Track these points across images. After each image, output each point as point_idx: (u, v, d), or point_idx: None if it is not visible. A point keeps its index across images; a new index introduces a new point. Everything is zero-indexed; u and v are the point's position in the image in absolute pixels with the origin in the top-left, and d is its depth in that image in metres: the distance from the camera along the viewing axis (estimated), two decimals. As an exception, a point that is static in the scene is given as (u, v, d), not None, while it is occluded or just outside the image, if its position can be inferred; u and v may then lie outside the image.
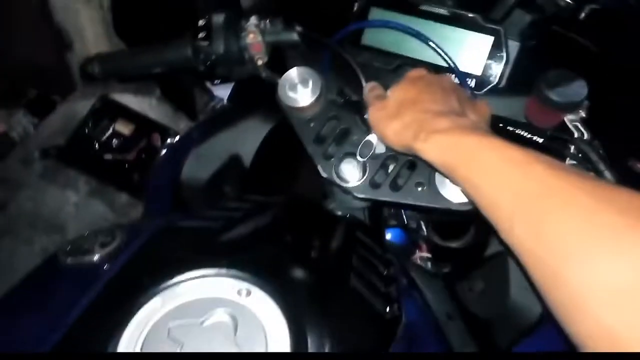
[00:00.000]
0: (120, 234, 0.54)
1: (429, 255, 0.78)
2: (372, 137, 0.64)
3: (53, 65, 1.98)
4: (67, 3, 1.80)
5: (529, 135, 0.57)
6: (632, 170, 0.83)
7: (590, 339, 0.34)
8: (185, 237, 0.52)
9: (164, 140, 1.86)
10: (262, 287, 0.44)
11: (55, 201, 1.72)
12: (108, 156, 1.78)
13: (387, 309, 0.48)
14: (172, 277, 0.45)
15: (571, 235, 0.36)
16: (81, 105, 1.84)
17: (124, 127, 1.82)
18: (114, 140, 1.80)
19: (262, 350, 0.41)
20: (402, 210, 0.82)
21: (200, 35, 0.72)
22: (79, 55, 1.90)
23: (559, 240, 0.36)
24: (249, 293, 0.44)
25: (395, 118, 0.56)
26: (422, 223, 0.82)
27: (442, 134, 0.50)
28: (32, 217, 1.69)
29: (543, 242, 0.37)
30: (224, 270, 0.45)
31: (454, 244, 0.81)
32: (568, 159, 0.56)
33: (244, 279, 0.45)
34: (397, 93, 0.59)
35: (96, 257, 0.52)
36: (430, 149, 0.50)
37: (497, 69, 0.75)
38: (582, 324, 0.34)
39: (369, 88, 0.65)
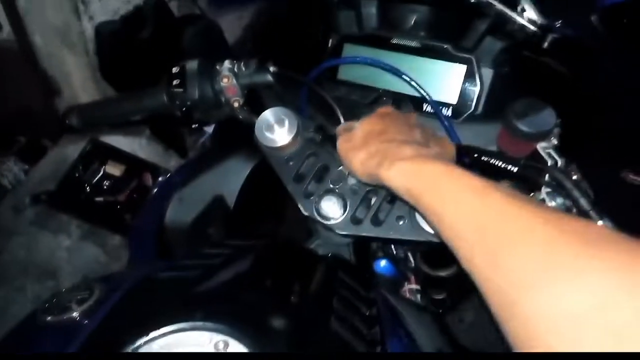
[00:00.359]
0: (98, 288, 0.54)
1: (418, 287, 0.77)
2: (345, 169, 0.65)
3: (42, 112, 1.99)
4: (52, 50, 1.82)
5: (504, 165, 0.57)
6: (624, 181, 0.84)
7: None
8: (163, 289, 0.52)
9: (155, 179, 1.86)
10: (240, 339, 0.43)
11: (47, 247, 1.71)
12: (99, 199, 1.78)
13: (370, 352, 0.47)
14: (147, 333, 0.44)
15: (529, 264, 0.35)
16: (71, 149, 1.84)
17: (114, 169, 1.83)
18: (104, 182, 1.80)
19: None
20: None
21: (175, 82, 0.72)
22: (67, 101, 1.92)
23: (517, 269, 0.36)
24: (226, 346, 0.43)
25: (361, 149, 0.57)
26: (409, 254, 0.81)
27: (406, 161, 0.50)
28: (25, 264, 1.68)
29: (501, 271, 0.37)
30: (200, 323, 0.44)
31: (443, 273, 0.80)
32: (544, 187, 0.56)
33: (220, 331, 0.44)
34: (364, 126, 0.60)
35: (74, 314, 0.52)
36: (394, 177, 0.50)
37: (472, 97, 0.76)
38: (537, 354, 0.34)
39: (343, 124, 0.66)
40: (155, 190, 1.52)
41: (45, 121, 2.01)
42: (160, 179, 1.87)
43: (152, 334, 0.44)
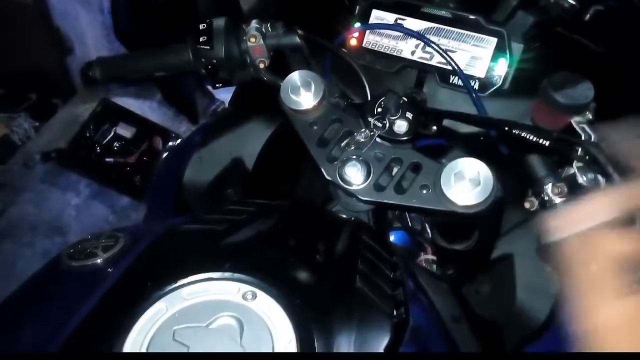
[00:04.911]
0: (123, 237, 0.54)
1: (434, 257, 0.78)
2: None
3: (54, 69, 1.98)
4: (66, 7, 1.80)
5: (535, 139, 0.56)
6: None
7: None
8: (189, 241, 0.52)
9: (165, 143, 1.86)
10: (267, 291, 0.44)
11: (56, 204, 1.72)
12: (109, 159, 1.78)
13: (394, 312, 0.47)
14: (175, 280, 0.44)
15: None
16: (82, 109, 1.84)
17: (125, 131, 1.83)
18: (115, 143, 1.81)
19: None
20: (407, 213, 0.81)
21: (201, 39, 0.72)
22: (79, 59, 1.90)
23: None
24: (254, 296, 0.44)
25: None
26: (426, 225, 0.81)
27: None
28: (34, 220, 1.69)
29: None
30: (228, 274, 0.45)
31: (458, 247, 0.80)
32: (575, 161, 0.56)
33: (249, 283, 0.44)
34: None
35: (100, 261, 0.52)
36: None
37: (500, 71, 0.75)
38: None
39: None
40: (174, 149, 1.52)
41: (57, 79, 2.00)
42: (170, 143, 1.87)
43: (181, 281, 0.44)
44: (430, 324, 0.53)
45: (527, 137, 0.57)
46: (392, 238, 0.84)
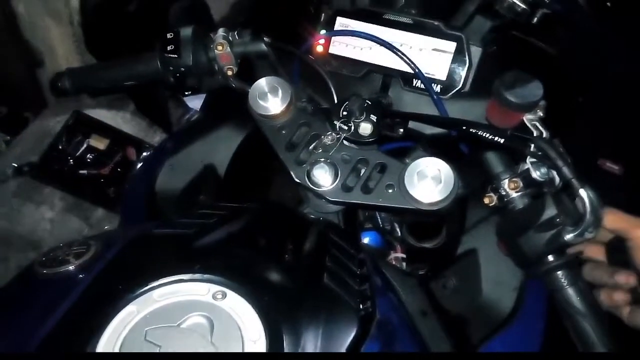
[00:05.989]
0: (95, 244, 0.55)
1: (403, 255, 0.80)
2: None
3: (24, 82, 1.96)
4: (36, 20, 1.79)
5: (490, 136, 0.59)
6: (601, 168, 0.87)
7: None
8: (159, 245, 0.53)
9: (139, 154, 1.85)
10: (237, 290, 0.45)
11: (30, 218, 1.69)
12: (83, 171, 1.77)
13: (361, 306, 0.49)
14: (146, 283, 0.46)
15: None
16: (54, 122, 1.82)
17: (98, 142, 1.81)
18: (88, 155, 1.79)
19: (238, 350, 0.42)
20: (377, 213, 0.84)
21: (169, 48, 0.73)
22: (50, 72, 1.89)
23: None
24: (224, 296, 0.45)
25: None
26: (396, 225, 0.84)
27: None
28: (7, 234, 1.67)
29: None
30: (198, 275, 0.46)
31: (427, 245, 0.83)
32: (528, 157, 0.59)
33: (218, 283, 0.46)
34: None
35: (72, 267, 0.53)
36: None
37: (460, 74, 0.78)
38: None
39: None
40: (146, 157, 1.52)
41: (27, 92, 1.98)
42: (144, 154, 1.87)
43: (152, 284, 0.46)
44: (397, 318, 0.55)
45: (484, 135, 0.59)
46: (366, 240, 0.86)
